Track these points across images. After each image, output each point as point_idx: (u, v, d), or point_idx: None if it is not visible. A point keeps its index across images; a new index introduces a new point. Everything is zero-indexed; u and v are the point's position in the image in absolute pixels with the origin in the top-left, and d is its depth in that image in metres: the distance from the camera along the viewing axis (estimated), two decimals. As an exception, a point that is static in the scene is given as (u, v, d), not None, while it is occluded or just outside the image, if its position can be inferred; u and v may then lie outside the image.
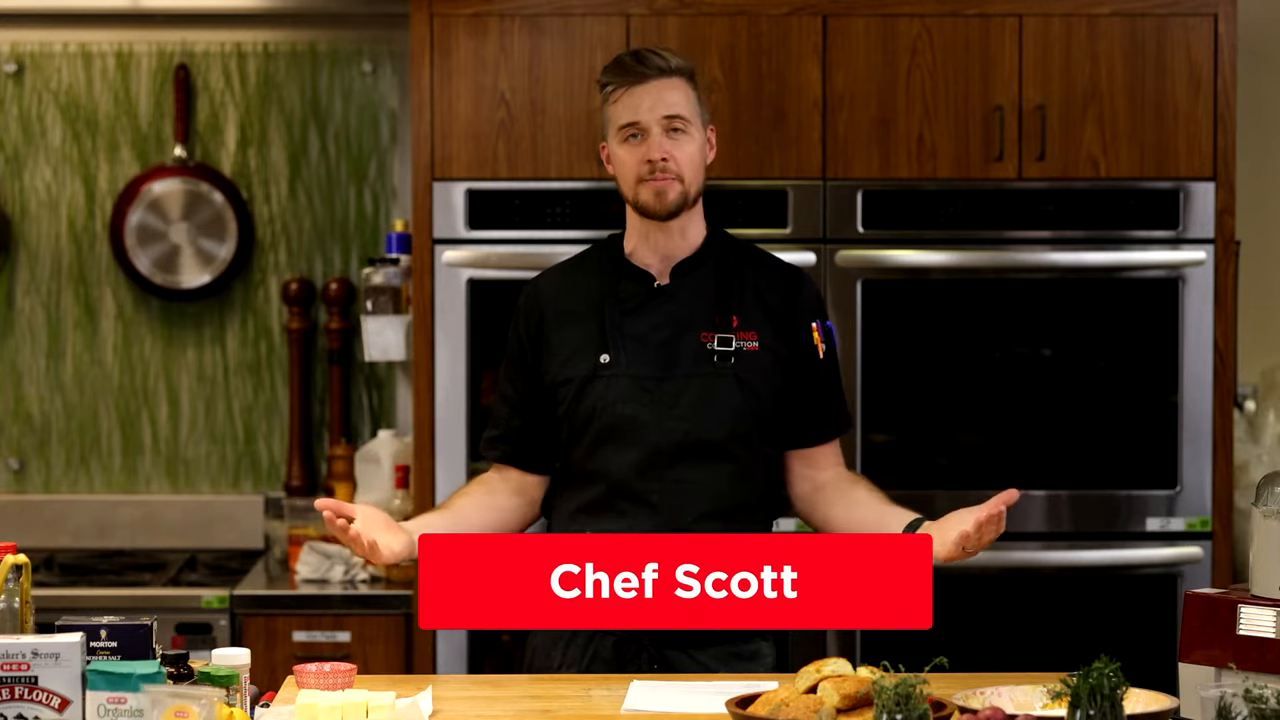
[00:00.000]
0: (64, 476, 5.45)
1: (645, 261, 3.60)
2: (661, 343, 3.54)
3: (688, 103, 3.55)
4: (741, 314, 3.56)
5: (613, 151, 3.58)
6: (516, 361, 3.64)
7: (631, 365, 3.53)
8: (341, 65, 5.42)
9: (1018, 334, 4.68)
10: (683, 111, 3.53)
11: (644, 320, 3.56)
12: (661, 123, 3.52)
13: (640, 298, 3.58)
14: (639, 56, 3.56)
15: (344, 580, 4.88)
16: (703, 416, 3.50)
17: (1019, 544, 4.63)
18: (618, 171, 3.57)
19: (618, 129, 3.55)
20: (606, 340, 3.55)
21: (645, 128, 3.52)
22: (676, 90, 3.54)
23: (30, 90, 5.42)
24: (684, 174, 3.52)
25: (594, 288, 3.60)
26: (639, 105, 3.52)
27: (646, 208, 3.54)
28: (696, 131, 3.55)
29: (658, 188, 3.52)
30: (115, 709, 2.83)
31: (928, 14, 4.63)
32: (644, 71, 3.53)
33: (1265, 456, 4.86)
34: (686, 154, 3.53)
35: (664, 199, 3.52)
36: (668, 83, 3.54)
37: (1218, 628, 3.06)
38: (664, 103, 3.52)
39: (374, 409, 5.42)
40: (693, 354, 3.54)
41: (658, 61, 3.54)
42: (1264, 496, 3.10)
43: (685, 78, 3.56)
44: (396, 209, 5.39)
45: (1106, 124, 4.63)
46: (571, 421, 3.55)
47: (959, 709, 2.90)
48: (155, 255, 5.37)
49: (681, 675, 3.44)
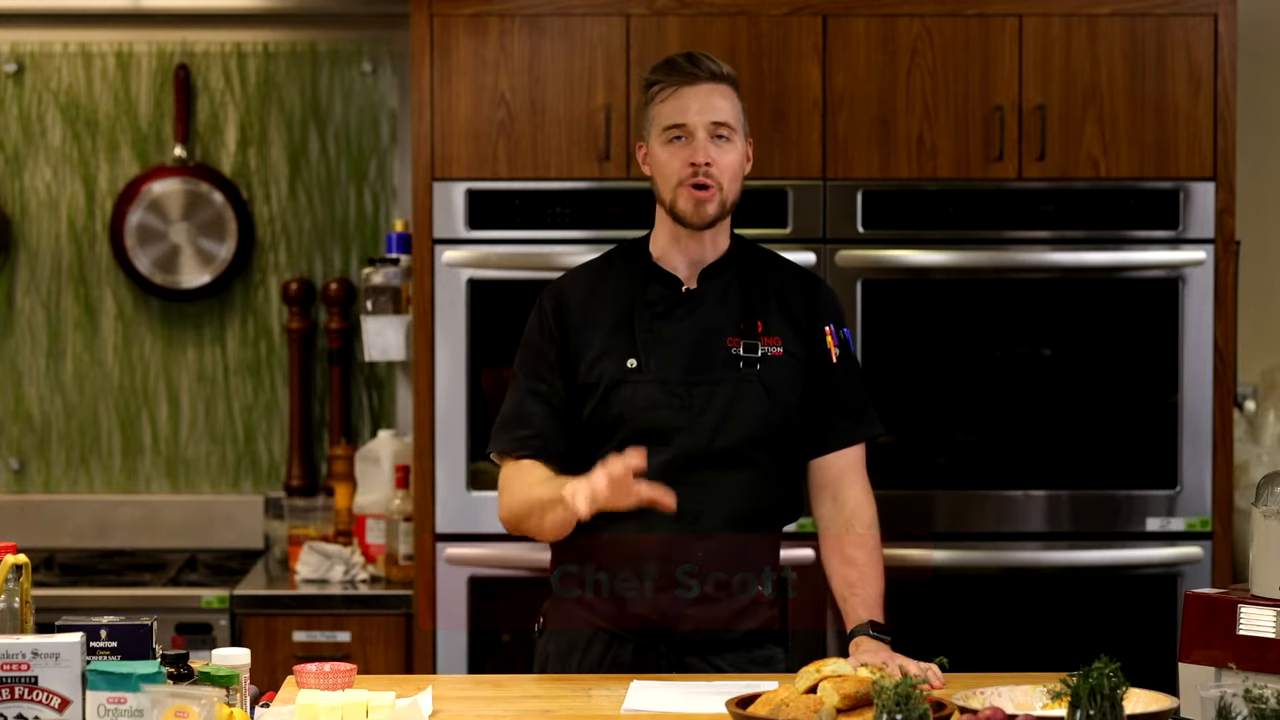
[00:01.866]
0: (64, 476, 5.45)
1: (672, 265, 3.57)
2: (689, 347, 3.52)
3: (734, 111, 3.51)
4: (766, 319, 3.54)
5: (652, 152, 3.53)
6: (545, 361, 3.56)
7: (660, 370, 3.51)
8: (341, 65, 5.42)
9: (1018, 334, 4.68)
10: (729, 119, 3.49)
11: (672, 325, 3.54)
12: (708, 127, 3.47)
13: (669, 302, 3.55)
14: (692, 58, 3.52)
15: (344, 580, 4.88)
16: (729, 423, 3.49)
17: (1019, 544, 4.64)
18: (656, 172, 3.52)
19: (662, 129, 3.50)
20: (636, 344, 3.52)
21: (691, 130, 3.47)
22: (725, 98, 3.50)
23: (30, 90, 5.42)
24: (724, 183, 3.48)
25: (621, 291, 3.57)
26: (687, 107, 3.48)
27: (683, 216, 3.50)
28: (739, 141, 3.51)
29: (698, 198, 3.48)
30: (115, 709, 2.83)
31: (928, 14, 4.63)
32: (695, 74, 3.49)
33: (1265, 456, 4.86)
34: (729, 162, 3.49)
35: (702, 211, 3.48)
36: (717, 88, 3.50)
37: (1218, 628, 3.06)
38: (712, 108, 3.48)
39: (374, 409, 5.42)
40: (720, 359, 3.52)
41: (710, 65, 3.50)
42: (1264, 496, 3.10)
43: (733, 86, 3.52)
44: (396, 209, 5.39)
45: (1106, 124, 4.63)
46: (598, 425, 3.51)
47: (959, 709, 2.90)
48: (155, 255, 5.37)
49: (682, 675, 3.45)
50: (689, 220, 3.50)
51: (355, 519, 5.00)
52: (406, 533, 4.82)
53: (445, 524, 4.64)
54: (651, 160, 3.53)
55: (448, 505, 4.63)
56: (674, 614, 3.48)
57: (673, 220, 3.53)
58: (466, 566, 4.64)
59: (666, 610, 3.47)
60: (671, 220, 3.53)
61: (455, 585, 4.64)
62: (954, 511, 4.64)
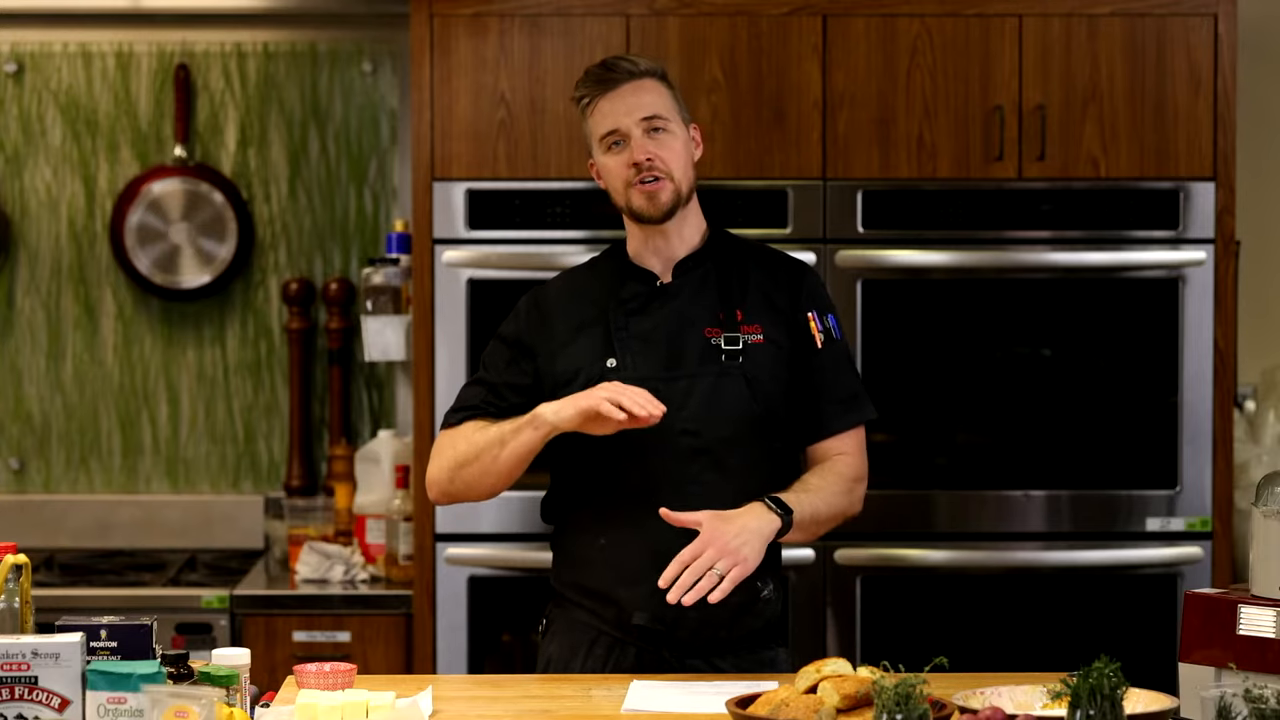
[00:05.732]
0: (64, 476, 5.45)
1: (648, 263, 3.60)
2: (667, 340, 3.53)
3: (663, 102, 3.54)
4: (745, 308, 3.55)
5: (599, 163, 3.57)
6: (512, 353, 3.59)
7: (639, 368, 3.52)
8: (341, 65, 5.42)
9: (1018, 334, 4.68)
10: (660, 111, 3.52)
11: (648, 319, 3.55)
12: (641, 125, 3.51)
13: (644, 297, 3.57)
14: (607, 65, 3.57)
15: (344, 580, 4.88)
16: (713, 417, 3.48)
17: (1019, 544, 4.64)
18: (608, 182, 3.56)
19: (600, 139, 3.55)
20: (613, 343, 3.53)
21: (626, 132, 3.51)
22: (650, 91, 3.53)
23: (30, 90, 5.42)
24: (672, 172, 3.51)
25: (599, 291, 3.59)
26: (615, 111, 3.52)
27: (640, 213, 3.53)
28: (678, 129, 3.54)
29: (648, 191, 3.51)
30: (115, 709, 2.83)
31: (928, 14, 4.63)
32: (614, 77, 3.53)
33: (1265, 456, 4.86)
34: (672, 151, 3.52)
35: (656, 201, 3.52)
36: (640, 85, 3.53)
37: (1218, 628, 3.06)
38: (640, 105, 3.51)
39: (374, 409, 5.42)
40: (699, 352, 3.53)
41: (626, 65, 3.54)
42: (1264, 496, 3.10)
43: (657, 78, 3.55)
44: (396, 209, 5.39)
45: (1106, 124, 4.63)
46: None
47: (959, 709, 2.90)
48: (155, 255, 5.37)
49: (682, 675, 3.44)
50: (647, 214, 3.53)
51: (355, 519, 5.01)
52: (406, 533, 4.82)
53: (445, 524, 4.65)
54: (600, 171, 3.58)
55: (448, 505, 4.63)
56: (673, 618, 3.47)
57: (635, 220, 3.56)
58: (466, 566, 4.64)
59: (665, 614, 3.47)
60: (635, 221, 3.56)
61: (455, 585, 4.64)
62: (954, 511, 4.64)
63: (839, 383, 3.61)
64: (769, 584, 3.56)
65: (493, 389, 3.60)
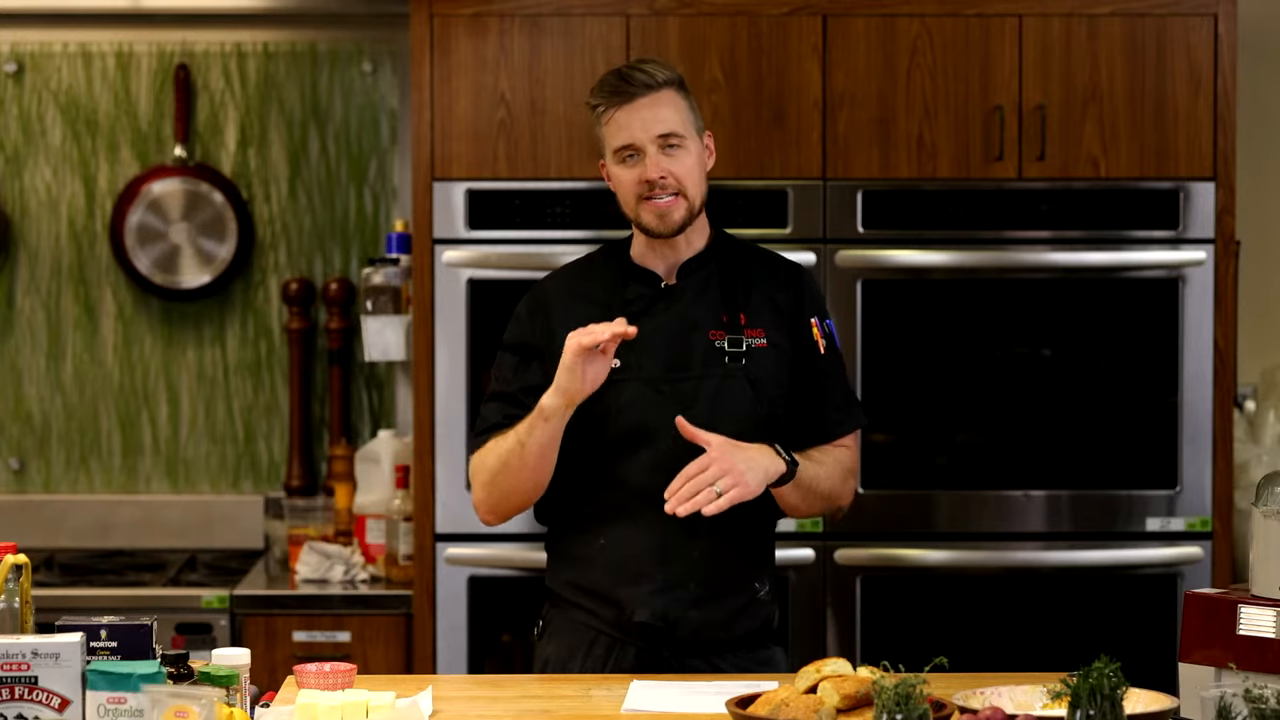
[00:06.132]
0: (64, 476, 5.45)
1: (651, 265, 3.59)
2: (671, 342, 3.53)
3: (679, 116, 3.51)
4: (748, 311, 3.55)
5: (612, 171, 3.55)
6: (520, 358, 3.58)
7: (643, 369, 3.51)
8: (341, 65, 5.42)
9: (1018, 334, 4.68)
10: (676, 128, 3.49)
11: (653, 321, 3.54)
12: (656, 141, 3.48)
13: (647, 299, 3.56)
14: (624, 75, 3.51)
15: (344, 580, 4.88)
16: (716, 419, 3.48)
17: (1019, 544, 4.64)
18: (618, 191, 3.54)
19: (613, 151, 3.52)
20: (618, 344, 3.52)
21: (640, 148, 3.49)
22: (667, 105, 3.50)
23: (30, 90, 5.42)
24: (685, 188, 3.50)
25: (601, 292, 3.59)
26: (631, 125, 3.49)
27: (650, 229, 3.52)
28: (693, 143, 3.51)
29: (660, 209, 3.49)
30: (115, 709, 2.83)
31: (928, 14, 4.63)
32: (631, 90, 3.49)
33: (1265, 456, 4.86)
34: (685, 167, 3.50)
35: (668, 220, 3.50)
36: (657, 98, 3.49)
37: (1218, 628, 3.06)
38: (657, 120, 3.48)
39: (374, 409, 5.42)
40: (703, 354, 3.52)
41: (643, 78, 3.49)
42: (1264, 496, 3.10)
43: (674, 88, 3.52)
44: (396, 209, 5.39)
45: (1106, 124, 4.63)
46: (584, 426, 3.50)
47: (959, 709, 2.90)
48: (155, 255, 5.37)
49: (682, 675, 3.44)
50: (657, 232, 3.52)
51: (355, 519, 5.00)
52: (406, 533, 4.82)
53: (445, 524, 4.65)
54: (612, 178, 3.56)
55: (448, 505, 4.63)
56: (674, 617, 3.47)
57: (644, 234, 3.55)
58: (466, 566, 4.64)
59: (667, 613, 3.47)
60: (644, 234, 3.56)
61: (455, 585, 4.64)
62: (954, 511, 4.64)
63: (838, 390, 3.62)
64: (766, 584, 3.57)
65: (510, 399, 3.58)
